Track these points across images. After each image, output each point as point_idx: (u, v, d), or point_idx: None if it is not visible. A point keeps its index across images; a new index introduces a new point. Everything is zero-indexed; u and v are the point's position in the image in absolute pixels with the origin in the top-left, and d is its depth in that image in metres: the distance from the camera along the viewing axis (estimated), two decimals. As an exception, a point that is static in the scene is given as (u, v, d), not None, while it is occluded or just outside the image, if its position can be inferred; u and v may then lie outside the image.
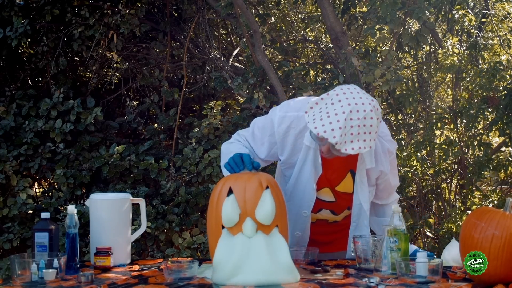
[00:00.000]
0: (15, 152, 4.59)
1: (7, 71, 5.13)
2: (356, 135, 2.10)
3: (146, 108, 5.04)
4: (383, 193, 2.53)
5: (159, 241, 4.52)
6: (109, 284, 2.06)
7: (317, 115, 2.14)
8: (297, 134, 2.36)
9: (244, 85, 4.40)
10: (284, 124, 2.37)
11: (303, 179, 2.41)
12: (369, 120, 2.11)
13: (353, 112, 2.09)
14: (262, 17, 4.76)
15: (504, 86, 4.35)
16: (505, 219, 1.95)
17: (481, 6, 4.87)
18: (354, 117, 2.09)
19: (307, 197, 2.43)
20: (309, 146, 2.35)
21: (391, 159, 2.45)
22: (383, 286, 1.97)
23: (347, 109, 2.09)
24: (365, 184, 2.42)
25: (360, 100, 2.12)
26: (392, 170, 2.47)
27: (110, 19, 4.73)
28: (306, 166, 2.38)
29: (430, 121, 4.75)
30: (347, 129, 2.09)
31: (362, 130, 2.11)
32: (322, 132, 2.09)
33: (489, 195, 4.76)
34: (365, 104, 2.12)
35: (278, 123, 2.38)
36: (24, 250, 4.51)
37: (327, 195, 2.47)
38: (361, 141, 2.12)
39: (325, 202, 2.48)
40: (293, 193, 2.45)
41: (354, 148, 2.12)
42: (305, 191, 2.42)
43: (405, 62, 5.35)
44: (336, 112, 2.10)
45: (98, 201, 2.45)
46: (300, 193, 2.43)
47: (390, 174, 2.46)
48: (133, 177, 4.65)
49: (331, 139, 2.08)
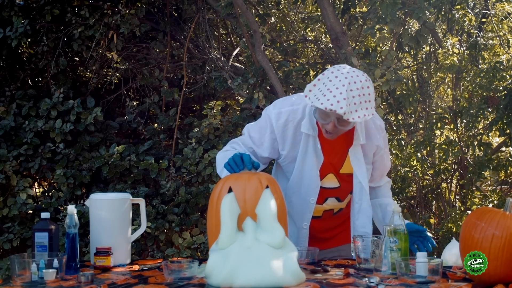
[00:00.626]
0: (15, 152, 4.59)
1: (7, 71, 5.13)
2: (359, 104, 2.25)
3: (146, 108, 5.05)
4: (377, 173, 2.62)
5: (159, 241, 4.52)
6: (109, 284, 2.06)
7: (319, 94, 2.26)
8: (295, 126, 2.46)
9: (244, 85, 4.40)
10: (281, 118, 2.45)
11: (307, 168, 2.48)
12: (367, 89, 2.28)
13: (351, 84, 2.24)
14: (262, 17, 4.76)
15: (504, 86, 4.35)
16: (505, 219, 1.95)
17: (481, 6, 4.87)
18: (354, 88, 2.24)
19: (312, 184, 2.49)
20: (308, 134, 2.45)
21: (383, 136, 2.57)
22: (383, 286, 1.97)
23: (345, 82, 2.23)
24: (361, 161, 2.50)
25: (354, 73, 2.29)
26: (385, 149, 2.59)
27: (110, 19, 4.73)
28: (308, 154, 2.47)
29: (430, 121, 4.75)
30: (350, 99, 2.22)
31: (363, 98, 2.26)
32: (329, 105, 2.20)
33: (489, 195, 4.76)
34: (359, 76, 2.28)
35: (276, 118, 2.46)
36: (24, 250, 4.51)
37: (331, 182, 2.53)
38: (364, 109, 2.26)
39: (330, 189, 2.53)
40: (298, 184, 2.50)
41: (360, 116, 2.25)
42: (310, 179, 2.48)
43: (405, 62, 5.35)
44: (337, 86, 2.23)
45: (98, 201, 2.45)
46: (306, 182, 2.49)
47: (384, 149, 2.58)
48: (133, 177, 4.65)
49: (339, 110, 2.20)
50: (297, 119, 2.45)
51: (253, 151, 2.51)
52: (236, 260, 2.01)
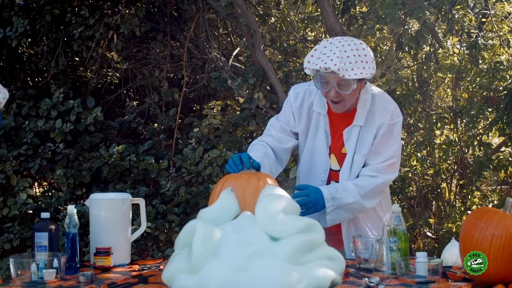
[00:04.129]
0: (15, 152, 4.59)
1: (7, 71, 5.13)
2: (355, 63, 2.30)
3: (146, 108, 5.05)
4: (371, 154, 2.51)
5: (159, 241, 4.52)
6: (109, 284, 2.06)
7: (316, 60, 2.34)
8: (309, 105, 2.58)
9: (244, 85, 4.40)
10: (298, 98, 2.60)
11: (318, 145, 2.57)
12: (362, 50, 2.34)
13: (345, 46, 2.33)
14: (262, 17, 4.76)
15: (504, 86, 4.35)
16: (505, 219, 1.95)
17: (481, 6, 4.87)
18: (348, 49, 2.32)
19: (323, 161, 2.57)
20: (319, 113, 2.55)
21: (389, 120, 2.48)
22: (383, 286, 1.97)
23: (339, 44, 2.34)
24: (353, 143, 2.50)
25: (349, 39, 2.39)
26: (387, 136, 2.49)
27: (110, 19, 4.73)
28: (319, 131, 2.56)
29: (430, 121, 4.74)
30: (345, 58, 2.29)
31: (359, 59, 2.31)
32: (324, 64, 2.27)
33: (489, 195, 4.76)
34: (354, 40, 2.38)
35: (294, 98, 2.61)
36: (24, 250, 4.51)
37: (334, 163, 2.58)
38: (360, 68, 2.30)
39: (334, 171, 2.58)
40: (309, 161, 2.59)
41: (357, 74, 2.29)
42: (320, 155, 2.57)
43: (405, 62, 5.35)
44: (331, 49, 2.32)
45: (98, 201, 2.45)
46: (316, 159, 2.58)
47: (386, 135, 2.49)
48: (133, 177, 4.65)
49: (333, 67, 2.26)
50: (312, 98, 2.57)
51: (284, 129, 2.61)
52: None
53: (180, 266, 1.91)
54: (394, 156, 2.51)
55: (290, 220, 1.97)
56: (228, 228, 1.97)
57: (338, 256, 2.01)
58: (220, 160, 4.39)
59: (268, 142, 2.59)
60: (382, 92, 2.60)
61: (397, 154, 2.53)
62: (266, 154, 2.51)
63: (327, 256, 1.97)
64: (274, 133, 2.61)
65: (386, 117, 2.48)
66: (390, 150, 2.50)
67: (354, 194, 2.46)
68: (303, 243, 1.90)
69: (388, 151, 2.50)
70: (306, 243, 1.91)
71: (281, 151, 2.59)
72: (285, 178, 4.29)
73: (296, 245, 1.88)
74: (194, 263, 1.85)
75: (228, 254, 1.85)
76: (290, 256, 1.86)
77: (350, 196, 2.46)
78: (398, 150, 2.54)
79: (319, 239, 1.99)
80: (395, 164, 2.53)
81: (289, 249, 1.87)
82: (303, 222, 1.97)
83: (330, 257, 1.98)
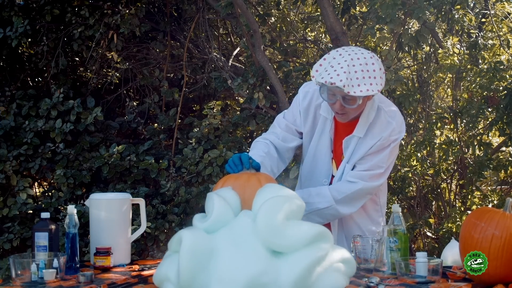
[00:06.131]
0: (15, 152, 4.59)
1: (7, 71, 5.13)
2: (362, 79, 2.25)
3: (146, 108, 5.05)
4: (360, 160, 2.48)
5: (159, 241, 4.52)
6: (109, 284, 2.06)
7: (323, 72, 2.30)
8: (317, 106, 2.55)
9: (244, 85, 4.41)
10: (307, 97, 2.56)
11: (321, 149, 2.55)
12: (371, 65, 2.28)
13: (354, 60, 2.27)
14: (262, 17, 4.76)
15: (504, 86, 4.35)
16: (505, 219, 1.95)
17: (481, 6, 4.87)
18: (356, 63, 2.26)
19: (326, 165, 2.56)
20: (325, 117, 2.53)
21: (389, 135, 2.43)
22: (383, 286, 1.97)
23: (348, 58, 2.27)
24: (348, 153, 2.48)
25: (359, 51, 2.32)
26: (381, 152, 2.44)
27: (110, 19, 4.73)
28: (324, 135, 2.54)
29: (430, 121, 4.75)
30: (352, 74, 2.24)
31: (367, 74, 2.26)
32: (329, 79, 2.24)
33: (489, 195, 4.76)
34: (364, 53, 2.31)
35: (303, 96, 2.57)
36: (24, 250, 4.51)
37: (335, 169, 2.57)
38: (367, 84, 2.26)
39: (333, 177, 2.57)
40: (312, 164, 2.58)
41: (362, 91, 2.25)
42: (323, 159, 2.56)
43: (405, 62, 5.35)
44: (339, 62, 2.27)
45: (98, 201, 2.45)
46: (319, 163, 2.57)
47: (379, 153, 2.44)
48: (133, 177, 4.65)
49: (338, 82, 2.23)
50: (320, 100, 2.53)
51: (289, 128, 2.60)
52: None
53: (169, 276, 1.84)
54: (382, 167, 2.46)
55: (295, 232, 1.85)
56: (223, 237, 1.87)
57: (349, 259, 1.96)
58: (220, 160, 4.39)
59: (272, 140, 2.59)
60: (391, 105, 2.52)
61: (385, 166, 2.46)
62: (268, 153, 2.51)
63: (339, 260, 1.91)
64: (279, 131, 2.61)
65: (386, 132, 2.43)
66: (379, 160, 2.45)
67: (328, 199, 2.44)
68: (310, 265, 1.80)
69: (377, 161, 2.45)
70: (312, 263, 1.81)
71: (285, 149, 2.60)
72: (285, 178, 4.29)
73: (302, 271, 1.78)
74: (182, 283, 1.78)
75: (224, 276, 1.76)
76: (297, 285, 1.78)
77: (323, 201, 2.44)
78: (387, 162, 2.47)
79: (327, 247, 1.89)
80: (381, 175, 2.47)
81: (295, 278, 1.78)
82: (309, 234, 1.85)
83: (342, 260, 1.92)
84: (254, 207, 1.96)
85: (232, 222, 1.93)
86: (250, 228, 1.88)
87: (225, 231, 1.90)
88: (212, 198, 1.98)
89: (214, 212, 1.91)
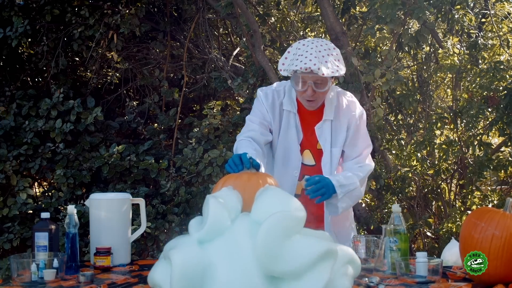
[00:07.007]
0: (15, 152, 4.59)
1: (7, 71, 5.13)
2: (330, 61, 2.45)
3: (146, 108, 5.05)
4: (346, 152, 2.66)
5: (159, 241, 4.52)
6: (109, 284, 2.06)
7: (292, 61, 2.47)
8: (280, 104, 2.66)
9: (244, 85, 4.41)
10: (269, 97, 2.67)
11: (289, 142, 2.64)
12: (333, 49, 2.51)
13: (317, 46, 2.47)
14: (262, 17, 4.76)
15: (504, 86, 4.35)
16: (505, 219, 1.95)
17: (481, 6, 4.87)
18: (321, 49, 2.47)
19: (294, 158, 2.65)
20: (289, 111, 2.63)
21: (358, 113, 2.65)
22: (383, 286, 1.97)
23: (313, 45, 2.47)
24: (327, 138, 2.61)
25: (320, 40, 2.54)
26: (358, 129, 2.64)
27: (110, 19, 4.73)
28: (290, 129, 2.64)
29: (430, 121, 4.74)
30: (320, 58, 2.43)
31: (332, 57, 2.47)
32: (303, 64, 2.40)
33: (489, 195, 4.76)
34: (324, 41, 2.53)
35: (265, 98, 2.67)
36: (24, 250, 4.51)
37: (308, 159, 2.66)
38: (334, 66, 2.45)
39: (308, 166, 2.65)
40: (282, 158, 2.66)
41: (333, 71, 2.44)
42: (292, 152, 2.65)
43: (405, 62, 5.35)
44: (306, 50, 2.46)
45: (98, 201, 2.45)
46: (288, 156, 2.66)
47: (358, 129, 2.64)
48: (133, 177, 4.65)
49: (313, 66, 2.39)
50: (281, 98, 2.66)
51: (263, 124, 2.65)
52: None
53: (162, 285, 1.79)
54: (369, 145, 2.69)
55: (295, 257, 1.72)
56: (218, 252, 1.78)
57: (355, 259, 1.88)
58: (220, 160, 4.39)
59: (253, 136, 2.60)
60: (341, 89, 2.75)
61: (369, 142, 2.70)
62: (256, 151, 2.51)
63: (345, 261, 1.83)
64: (256, 127, 2.63)
65: (353, 109, 2.63)
66: (363, 140, 2.66)
67: (355, 181, 2.53)
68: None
69: (362, 141, 2.66)
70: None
71: (264, 144, 2.64)
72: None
73: None
74: None
75: None
76: None
77: (353, 183, 2.52)
78: (369, 138, 2.71)
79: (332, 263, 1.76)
80: (369, 152, 2.69)
81: None
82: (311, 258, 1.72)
83: (349, 261, 1.85)
84: (253, 211, 1.94)
85: (228, 231, 1.83)
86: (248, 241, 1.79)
87: (220, 244, 1.80)
88: (208, 203, 1.88)
89: (209, 220, 1.82)
